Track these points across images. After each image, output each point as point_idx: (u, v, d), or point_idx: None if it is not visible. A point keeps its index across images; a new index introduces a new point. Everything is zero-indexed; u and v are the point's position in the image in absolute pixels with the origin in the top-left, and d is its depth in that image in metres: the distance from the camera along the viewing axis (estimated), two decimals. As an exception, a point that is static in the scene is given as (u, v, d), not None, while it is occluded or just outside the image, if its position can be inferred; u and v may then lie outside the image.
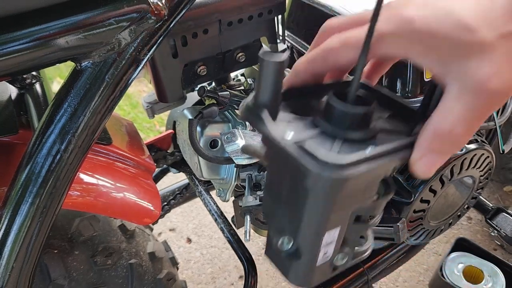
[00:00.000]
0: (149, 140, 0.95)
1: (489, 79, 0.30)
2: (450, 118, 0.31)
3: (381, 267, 0.98)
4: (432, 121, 0.32)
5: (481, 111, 0.31)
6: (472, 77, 0.31)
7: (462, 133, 0.32)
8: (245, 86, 0.81)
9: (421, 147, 0.33)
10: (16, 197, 0.42)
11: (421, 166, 0.33)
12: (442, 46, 0.31)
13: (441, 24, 0.31)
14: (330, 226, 0.35)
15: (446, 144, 0.33)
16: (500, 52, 0.30)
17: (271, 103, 0.33)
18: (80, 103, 0.40)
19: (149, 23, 0.40)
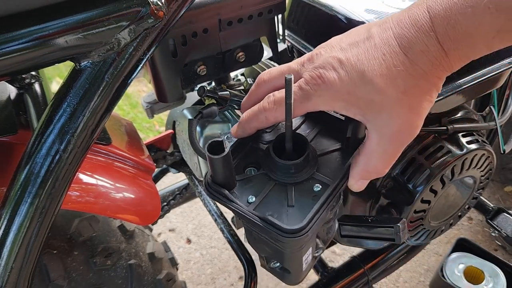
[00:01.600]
0: (149, 140, 0.95)
1: (399, 130, 0.40)
2: (373, 160, 0.42)
3: (381, 268, 0.98)
4: (360, 161, 0.43)
5: (395, 152, 0.42)
6: (386, 129, 0.40)
7: (383, 167, 0.43)
8: (245, 86, 0.81)
9: (353, 178, 0.44)
10: (15, 197, 0.42)
11: (355, 188, 0.44)
12: (359, 103, 0.39)
13: (356, 87, 0.39)
14: (304, 253, 0.45)
15: (372, 175, 0.44)
16: (404, 106, 0.39)
17: (226, 181, 0.42)
18: (79, 103, 0.40)
19: (148, 23, 0.40)
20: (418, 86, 0.38)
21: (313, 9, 0.77)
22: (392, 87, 0.38)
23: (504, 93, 0.86)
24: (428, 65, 0.38)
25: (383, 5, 0.74)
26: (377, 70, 0.38)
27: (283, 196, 0.42)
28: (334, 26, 0.74)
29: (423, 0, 0.38)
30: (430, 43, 0.37)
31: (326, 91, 0.40)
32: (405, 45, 0.38)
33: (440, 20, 0.36)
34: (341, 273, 0.97)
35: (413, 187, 0.70)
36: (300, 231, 0.38)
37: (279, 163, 0.43)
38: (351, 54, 0.40)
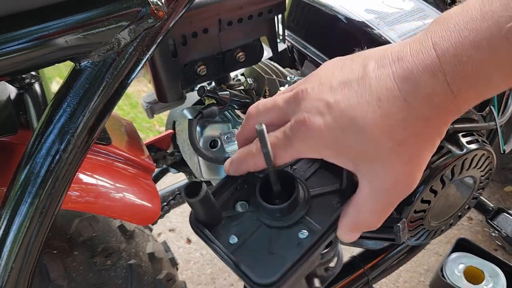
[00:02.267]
0: (149, 140, 0.95)
1: (394, 185, 0.36)
2: (363, 214, 0.38)
3: (381, 268, 0.98)
4: (350, 212, 0.38)
5: (388, 207, 0.38)
6: (379, 183, 0.36)
7: (373, 221, 0.39)
8: (245, 86, 0.81)
9: (343, 230, 0.39)
10: (15, 197, 0.42)
11: (345, 239, 0.40)
12: (349, 152, 0.36)
13: (345, 135, 0.35)
14: None
15: (362, 228, 0.39)
16: (401, 158, 0.35)
17: (209, 219, 0.41)
18: (79, 103, 0.40)
19: (148, 23, 0.40)
20: (418, 135, 0.34)
21: (313, 9, 0.77)
22: (387, 137, 0.34)
23: (504, 93, 0.86)
24: (432, 111, 0.33)
25: (383, 5, 0.74)
26: (371, 118, 0.33)
27: (267, 241, 0.40)
28: (334, 26, 0.74)
29: (427, 35, 0.33)
30: (436, 86, 0.32)
31: (311, 138, 0.36)
32: (407, 89, 0.33)
33: (450, 57, 0.31)
34: (341, 273, 0.97)
35: (413, 187, 0.70)
36: (272, 285, 0.36)
37: (264, 206, 0.40)
38: (341, 97, 0.35)
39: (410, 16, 0.72)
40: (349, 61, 0.38)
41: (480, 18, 0.30)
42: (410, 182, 0.36)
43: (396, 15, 0.72)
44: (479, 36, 0.30)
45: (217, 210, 0.41)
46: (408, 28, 0.70)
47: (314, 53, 0.78)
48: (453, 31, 0.32)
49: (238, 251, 0.40)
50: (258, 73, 0.83)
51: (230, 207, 0.43)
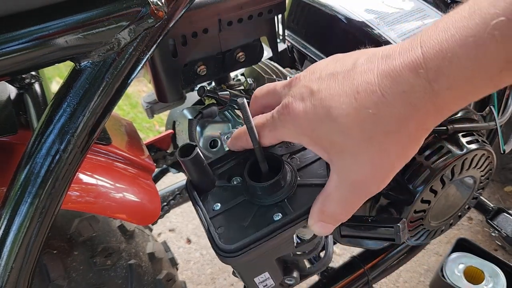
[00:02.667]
0: (149, 140, 0.95)
1: (360, 180, 0.36)
2: (329, 203, 0.38)
3: (381, 268, 0.98)
4: (318, 201, 0.39)
5: (355, 200, 0.38)
6: (347, 175, 0.36)
7: (339, 213, 0.39)
8: (245, 86, 0.81)
9: (312, 218, 0.40)
10: (15, 197, 0.42)
11: (316, 230, 0.40)
12: (322, 141, 0.36)
13: (320, 123, 0.35)
14: (254, 275, 0.45)
15: (329, 219, 0.39)
16: (369, 155, 0.34)
17: (200, 183, 0.44)
18: (79, 103, 0.40)
19: (148, 23, 0.40)
20: (390, 134, 0.33)
21: (313, 9, 0.77)
22: (357, 130, 0.34)
23: (504, 93, 0.86)
24: (407, 109, 0.32)
25: (383, 5, 0.74)
26: (345, 109, 0.34)
27: (244, 215, 0.42)
28: (334, 26, 0.74)
29: (417, 35, 0.33)
30: (416, 82, 0.31)
31: (291, 123, 0.37)
32: (386, 83, 0.32)
33: (434, 54, 0.31)
34: (341, 273, 0.97)
35: (413, 187, 0.70)
36: (229, 253, 0.38)
37: (248, 182, 0.42)
38: (325, 86, 0.36)
39: (410, 16, 0.72)
40: (347, 56, 0.39)
41: (467, 17, 0.30)
42: (376, 181, 0.36)
43: (396, 15, 0.72)
44: (465, 34, 0.30)
45: (209, 176, 0.44)
46: (408, 28, 0.69)
47: (314, 53, 0.78)
48: (441, 30, 0.31)
49: (216, 217, 0.42)
50: (258, 73, 0.83)
51: (226, 178, 0.46)
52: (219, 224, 0.42)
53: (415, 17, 0.71)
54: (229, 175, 0.46)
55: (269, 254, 0.43)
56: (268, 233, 0.39)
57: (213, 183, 0.45)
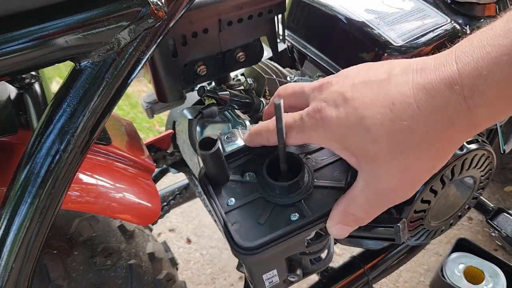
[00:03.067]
0: (149, 140, 0.95)
1: (386, 189, 0.37)
2: (354, 205, 0.39)
3: (381, 268, 0.98)
4: (341, 203, 0.40)
5: (379, 206, 0.39)
6: (374, 182, 0.37)
7: (363, 217, 0.40)
8: (245, 86, 0.81)
9: (332, 219, 0.40)
10: (15, 197, 0.42)
11: (333, 232, 0.41)
12: (352, 148, 0.37)
13: (352, 131, 0.36)
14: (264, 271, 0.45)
15: (351, 222, 0.40)
16: (398, 167, 0.35)
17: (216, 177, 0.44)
18: (79, 103, 0.40)
19: (148, 23, 0.40)
20: (421, 147, 0.34)
21: (313, 9, 0.77)
22: (389, 141, 0.34)
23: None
24: (442, 123, 0.33)
25: (383, 5, 0.74)
26: (380, 119, 0.34)
27: (260, 212, 0.42)
28: (334, 26, 0.74)
29: (452, 50, 0.33)
30: (452, 98, 0.32)
31: (322, 128, 0.37)
32: (421, 97, 0.33)
33: (469, 71, 0.31)
34: (341, 273, 0.97)
35: (413, 187, 0.70)
36: (248, 251, 0.39)
37: (266, 179, 0.43)
38: (359, 94, 0.36)
39: (410, 16, 0.72)
40: (378, 65, 0.39)
41: (502, 35, 0.31)
42: (402, 191, 0.37)
43: (396, 15, 0.72)
44: (500, 52, 0.30)
45: (225, 170, 0.44)
46: (408, 28, 0.69)
47: (314, 53, 0.78)
48: (476, 47, 0.32)
49: (231, 213, 0.42)
50: (258, 73, 0.83)
51: (239, 173, 0.46)
52: (234, 220, 0.42)
53: (415, 17, 0.71)
54: (242, 169, 0.47)
55: (282, 252, 0.44)
56: (287, 233, 0.40)
57: (227, 178, 0.45)
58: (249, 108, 0.78)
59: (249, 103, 0.78)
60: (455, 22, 0.71)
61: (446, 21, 0.71)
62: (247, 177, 0.46)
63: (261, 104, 0.79)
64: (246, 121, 0.77)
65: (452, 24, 0.70)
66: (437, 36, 0.69)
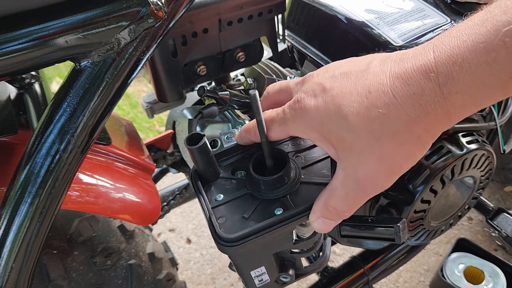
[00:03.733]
0: (149, 140, 0.95)
1: (364, 179, 0.36)
2: (334, 198, 0.39)
3: (381, 268, 0.98)
4: (322, 196, 0.40)
5: (358, 198, 0.39)
6: (352, 172, 0.37)
7: (343, 209, 0.39)
8: (245, 85, 0.81)
9: (314, 213, 0.40)
10: (15, 197, 0.42)
11: (316, 226, 0.41)
12: (331, 137, 0.37)
13: (329, 120, 0.36)
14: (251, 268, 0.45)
15: (332, 215, 0.40)
16: (375, 155, 0.35)
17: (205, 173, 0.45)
18: (79, 103, 0.40)
19: (148, 23, 0.40)
20: (397, 135, 0.34)
21: (313, 9, 0.77)
22: (365, 129, 0.34)
23: (504, 93, 0.86)
24: (417, 111, 0.33)
25: (383, 5, 0.74)
26: (356, 108, 0.34)
27: (245, 207, 0.43)
28: (334, 26, 0.74)
29: (431, 41, 0.34)
30: (426, 86, 0.32)
31: (301, 118, 0.38)
32: (397, 85, 0.33)
33: (445, 58, 0.32)
34: (341, 273, 0.97)
35: (413, 187, 0.70)
36: (228, 242, 0.39)
37: (252, 175, 0.43)
38: (337, 84, 0.37)
39: (410, 16, 0.72)
40: (361, 58, 0.40)
41: (479, 24, 0.31)
42: (381, 180, 0.37)
43: (396, 15, 0.72)
44: (477, 40, 0.30)
45: (214, 167, 0.45)
46: (408, 28, 0.69)
47: (314, 53, 0.78)
48: (454, 36, 0.32)
49: (218, 208, 0.43)
50: (258, 73, 0.83)
51: (230, 171, 0.47)
52: (221, 214, 0.43)
53: (415, 17, 0.71)
54: (234, 168, 0.47)
55: (267, 248, 0.44)
56: (268, 225, 0.40)
57: (217, 175, 0.46)
58: (249, 108, 0.78)
59: (249, 103, 0.78)
60: (455, 22, 0.71)
61: (446, 21, 0.71)
62: (238, 175, 0.47)
63: (261, 104, 0.79)
64: (246, 121, 0.77)
65: (452, 24, 0.70)
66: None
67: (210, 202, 0.44)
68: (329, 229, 0.41)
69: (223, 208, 0.43)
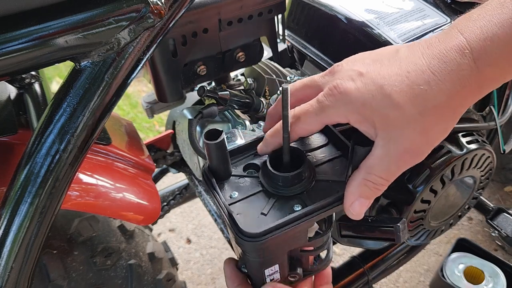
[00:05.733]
0: (149, 140, 0.95)
1: (405, 151, 0.39)
2: (373, 174, 0.40)
3: (381, 268, 0.98)
4: (357, 177, 0.41)
5: (396, 172, 0.40)
6: (394, 147, 0.39)
7: (382, 183, 0.41)
8: (245, 85, 0.81)
9: (352, 195, 0.41)
10: (15, 197, 0.42)
11: (353, 209, 0.41)
12: (373, 116, 0.38)
13: (373, 99, 0.38)
14: (266, 265, 0.45)
15: (371, 192, 0.41)
16: (417, 128, 0.38)
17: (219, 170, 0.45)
18: (79, 103, 0.40)
19: (148, 23, 0.40)
20: (438, 109, 0.37)
21: (313, 9, 0.77)
22: (410, 105, 0.37)
23: (504, 93, 0.86)
24: (456, 85, 0.36)
25: (383, 5, 0.74)
26: (398, 86, 0.37)
27: (262, 204, 0.43)
28: (334, 26, 0.74)
29: (451, 27, 0.37)
30: (463, 61, 0.36)
31: (342, 101, 0.39)
32: (434, 63, 0.36)
33: (476, 36, 0.35)
34: (341, 273, 0.97)
35: (413, 187, 0.70)
36: (253, 238, 0.39)
37: (269, 171, 0.44)
38: (373, 69, 0.39)
39: (410, 16, 0.72)
40: (382, 49, 0.42)
41: (499, 6, 0.35)
42: (418, 153, 0.39)
43: (396, 15, 0.72)
44: (503, 17, 0.34)
45: (228, 164, 0.45)
46: (408, 28, 0.69)
47: (314, 53, 0.78)
48: (476, 19, 0.36)
49: (234, 205, 0.43)
50: (258, 73, 0.83)
51: (242, 168, 0.47)
52: (238, 211, 0.42)
53: (415, 17, 0.71)
54: (245, 165, 0.47)
55: (285, 244, 0.44)
56: (290, 221, 0.40)
57: (230, 172, 0.46)
58: (249, 108, 0.78)
59: (249, 103, 0.78)
60: (455, 22, 0.71)
61: (446, 21, 0.71)
62: (250, 173, 0.47)
63: (261, 104, 0.79)
64: (246, 121, 0.77)
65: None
66: (437, 36, 0.69)
67: (226, 199, 0.44)
68: (363, 212, 0.42)
69: (240, 205, 0.43)
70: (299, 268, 0.49)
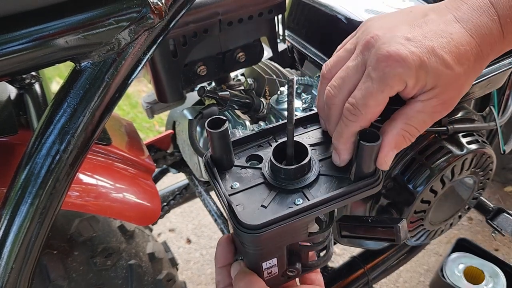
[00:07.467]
0: (149, 140, 0.95)
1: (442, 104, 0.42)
2: (411, 124, 0.42)
3: (381, 268, 0.98)
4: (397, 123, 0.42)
5: (428, 122, 0.43)
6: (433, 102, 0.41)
7: (415, 133, 0.43)
8: (245, 86, 0.81)
9: (388, 146, 0.42)
10: (16, 197, 0.42)
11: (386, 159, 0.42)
12: (427, 77, 0.40)
13: (429, 60, 0.39)
14: (264, 258, 0.45)
15: (403, 142, 0.43)
16: (459, 84, 0.42)
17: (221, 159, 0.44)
18: (79, 103, 0.40)
19: (148, 23, 0.40)
20: (475, 68, 0.41)
21: (313, 9, 0.77)
22: (459, 64, 0.40)
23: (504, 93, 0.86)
24: (488, 49, 0.40)
25: (383, 5, 0.74)
26: (447, 47, 0.40)
27: (264, 196, 0.43)
28: (334, 26, 0.74)
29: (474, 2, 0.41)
30: (493, 27, 0.40)
31: (400, 68, 0.39)
32: (471, 27, 0.40)
33: (503, 3, 0.39)
34: (341, 273, 0.97)
35: (413, 187, 0.70)
36: (252, 230, 0.39)
37: (272, 163, 0.43)
38: (417, 33, 0.40)
39: (410, 16, 0.72)
40: (405, 14, 0.44)
41: None
42: (452, 104, 0.43)
43: (396, 15, 0.72)
44: None
45: (230, 154, 0.45)
46: (408, 28, 0.69)
47: (314, 53, 0.78)
48: None
49: (235, 195, 0.43)
50: (258, 73, 0.83)
51: (244, 159, 0.46)
52: (238, 202, 0.42)
53: (415, 17, 0.71)
54: (248, 156, 0.47)
55: (284, 238, 0.44)
56: (291, 214, 0.40)
57: (232, 163, 0.46)
58: (249, 108, 0.78)
59: (249, 103, 0.78)
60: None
61: (446, 21, 0.71)
62: (253, 164, 0.47)
63: (261, 105, 0.79)
64: (246, 121, 0.77)
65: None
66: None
67: (226, 190, 0.43)
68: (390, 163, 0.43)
69: (240, 196, 0.43)
70: (298, 263, 0.49)
